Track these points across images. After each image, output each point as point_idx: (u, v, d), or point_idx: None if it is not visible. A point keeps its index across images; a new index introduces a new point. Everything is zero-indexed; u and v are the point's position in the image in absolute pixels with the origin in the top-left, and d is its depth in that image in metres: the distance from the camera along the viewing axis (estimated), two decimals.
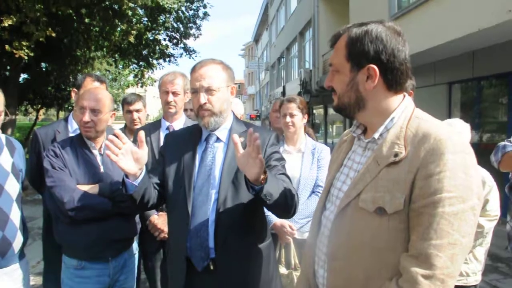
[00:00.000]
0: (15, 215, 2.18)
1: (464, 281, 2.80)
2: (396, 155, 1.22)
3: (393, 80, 1.29)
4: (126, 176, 1.80)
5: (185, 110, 3.76)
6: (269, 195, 1.69)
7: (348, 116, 1.39)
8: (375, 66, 1.27)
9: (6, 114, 2.22)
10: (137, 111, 3.49)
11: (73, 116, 2.96)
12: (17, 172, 2.25)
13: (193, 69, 1.99)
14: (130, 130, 3.56)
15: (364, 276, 1.24)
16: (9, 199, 2.17)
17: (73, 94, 3.08)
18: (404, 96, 1.35)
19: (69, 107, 18.96)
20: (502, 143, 2.68)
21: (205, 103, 1.92)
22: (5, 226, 2.12)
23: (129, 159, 1.76)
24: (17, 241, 2.19)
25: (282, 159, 2.07)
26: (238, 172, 1.89)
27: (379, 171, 1.25)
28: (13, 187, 2.20)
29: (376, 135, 1.32)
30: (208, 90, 1.92)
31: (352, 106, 1.34)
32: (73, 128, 2.90)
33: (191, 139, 2.06)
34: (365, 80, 1.29)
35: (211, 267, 1.88)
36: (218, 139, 2.02)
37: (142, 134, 1.81)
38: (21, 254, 2.29)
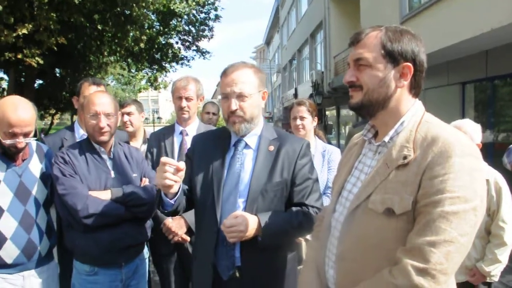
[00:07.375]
0: (41, 219, 2.25)
1: None
2: (405, 157, 1.24)
3: (417, 83, 1.34)
4: (165, 193, 1.76)
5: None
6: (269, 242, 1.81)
7: (368, 114, 1.37)
8: (411, 65, 1.29)
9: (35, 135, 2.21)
10: (128, 114, 3.46)
11: (78, 122, 2.98)
12: (46, 177, 2.30)
13: (224, 73, 1.91)
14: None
15: (373, 276, 1.24)
16: (36, 204, 2.23)
17: (74, 102, 3.09)
18: (415, 100, 1.37)
19: None
20: None
21: (236, 109, 1.86)
22: (31, 230, 2.18)
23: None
24: (44, 245, 2.24)
25: (311, 171, 1.99)
26: (268, 183, 1.87)
27: (389, 173, 1.26)
28: (41, 192, 2.26)
29: (387, 139, 1.33)
30: (240, 96, 1.86)
31: (378, 104, 1.33)
32: (79, 134, 2.91)
33: (220, 143, 2.00)
34: (398, 78, 1.31)
35: (237, 275, 1.85)
36: (247, 145, 1.96)
37: (182, 164, 1.67)
38: (49, 257, 2.34)
